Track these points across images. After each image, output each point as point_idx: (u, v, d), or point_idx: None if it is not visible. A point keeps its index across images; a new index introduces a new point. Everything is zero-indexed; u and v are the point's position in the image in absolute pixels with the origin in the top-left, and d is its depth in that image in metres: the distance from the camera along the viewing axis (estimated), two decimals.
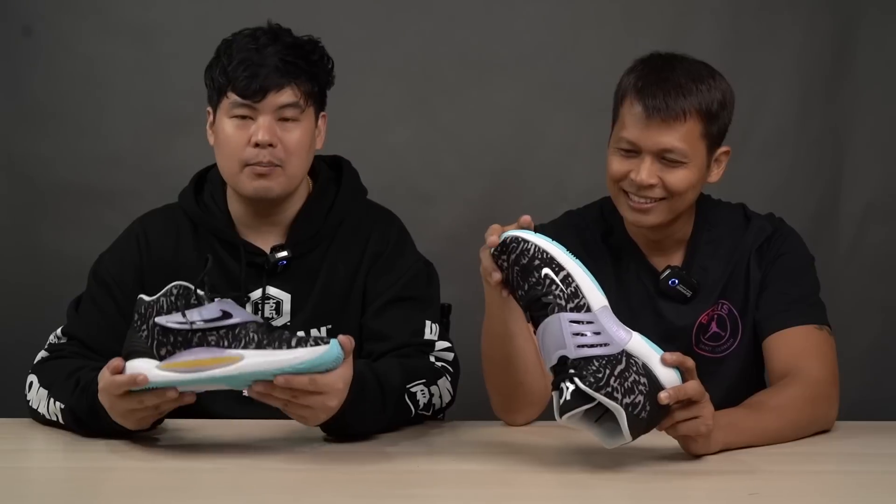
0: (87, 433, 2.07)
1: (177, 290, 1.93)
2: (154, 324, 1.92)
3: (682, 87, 2.16)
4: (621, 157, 2.20)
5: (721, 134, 2.21)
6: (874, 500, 1.81)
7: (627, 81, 2.21)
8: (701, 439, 1.90)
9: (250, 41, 2.23)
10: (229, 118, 2.24)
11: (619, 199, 2.23)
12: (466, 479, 1.88)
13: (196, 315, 1.91)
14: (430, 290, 2.36)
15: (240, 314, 1.93)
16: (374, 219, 2.37)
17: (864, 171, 3.31)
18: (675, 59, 2.21)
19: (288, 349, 1.89)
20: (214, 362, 1.90)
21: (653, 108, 2.15)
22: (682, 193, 2.19)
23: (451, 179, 3.31)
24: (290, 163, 2.24)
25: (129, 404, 1.95)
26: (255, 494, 1.81)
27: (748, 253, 2.29)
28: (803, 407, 2.09)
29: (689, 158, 2.17)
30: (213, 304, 1.92)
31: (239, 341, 1.90)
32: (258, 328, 1.91)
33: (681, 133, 2.15)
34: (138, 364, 1.92)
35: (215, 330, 1.90)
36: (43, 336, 2.29)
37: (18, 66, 3.24)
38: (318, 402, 1.92)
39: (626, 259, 2.31)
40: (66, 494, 1.85)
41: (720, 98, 2.19)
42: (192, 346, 1.91)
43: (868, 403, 2.89)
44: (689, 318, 2.28)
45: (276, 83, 2.21)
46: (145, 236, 2.33)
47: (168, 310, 1.93)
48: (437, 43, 3.29)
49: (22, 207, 3.28)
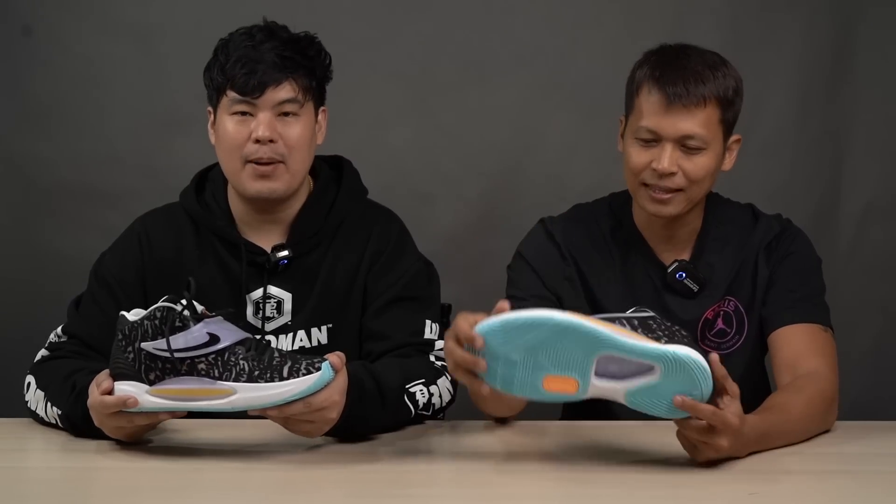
0: (84, 437, 2.06)
1: (160, 312, 1.90)
2: (140, 348, 1.91)
3: (700, 74, 2.18)
4: (641, 147, 2.21)
5: (734, 121, 2.24)
6: (874, 500, 1.81)
7: (642, 72, 2.22)
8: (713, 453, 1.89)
9: (247, 38, 2.23)
10: (229, 115, 2.24)
11: (638, 193, 2.24)
12: (466, 478, 1.88)
13: (181, 341, 1.88)
14: (431, 289, 2.36)
15: (227, 336, 1.90)
16: (374, 218, 2.37)
17: (864, 171, 3.31)
18: (688, 48, 2.24)
19: (280, 381, 1.87)
20: (205, 393, 1.89)
21: (673, 95, 2.16)
22: (701, 181, 2.20)
23: (451, 179, 3.31)
24: (293, 158, 2.25)
25: (119, 422, 1.95)
26: (254, 494, 1.81)
27: (756, 250, 2.30)
28: (818, 410, 2.10)
29: (709, 144, 2.19)
30: (198, 327, 1.89)
31: (229, 371, 1.89)
32: (248, 352, 1.89)
33: (701, 119, 2.17)
34: (128, 388, 1.92)
35: (204, 357, 1.89)
36: (43, 336, 2.29)
37: (18, 66, 3.24)
38: (318, 417, 1.93)
39: (633, 253, 2.32)
40: (65, 494, 1.86)
41: (734, 85, 2.22)
42: (180, 373, 1.89)
43: (868, 403, 2.89)
44: (694, 312, 2.29)
45: (273, 78, 2.21)
46: (147, 235, 2.33)
47: (153, 334, 1.90)
48: (437, 43, 3.29)
49: (22, 207, 3.28)
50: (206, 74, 2.28)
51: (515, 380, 1.84)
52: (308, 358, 1.91)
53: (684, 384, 1.81)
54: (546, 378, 1.83)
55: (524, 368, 1.83)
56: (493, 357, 1.83)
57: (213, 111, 2.29)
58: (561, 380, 1.83)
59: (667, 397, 1.82)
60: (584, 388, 1.83)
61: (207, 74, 2.28)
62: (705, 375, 1.81)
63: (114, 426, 1.97)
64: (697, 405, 1.82)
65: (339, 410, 1.94)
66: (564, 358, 1.82)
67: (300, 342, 2.31)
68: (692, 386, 1.81)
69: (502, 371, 1.83)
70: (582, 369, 1.82)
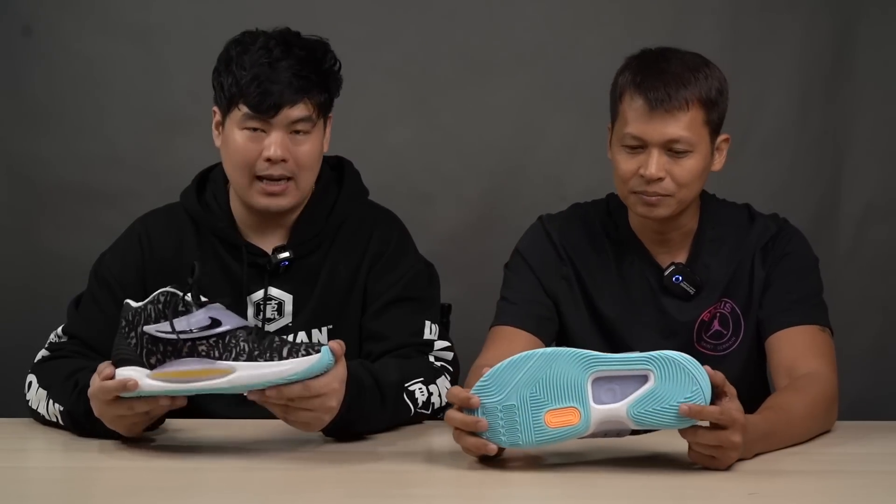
0: (85, 435, 2.07)
1: (164, 296, 1.92)
2: (143, 332, 1.91)
3: (682, 77, 2.18)
4: (627, 154, 2.21)
5: (720, 121, 2.23)
6: (874, 500, 1.81)
7: (624, 79, 2.22)
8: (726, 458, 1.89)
9: (264, 53, 2.19)
10: (240, 129, 2.22)
11: (629, 199, 2.24)
12: (466, 478, 1.88)
13: (184, 324, 1.90)
14: (431, 290, 2.36)
15: (229, 321, 1.91)
16: (375, 219, 2.36)
17: (864, 171, 3.31)
18: (668, 51, 2.23)
19: (279, 360, 1.87)
20: (205, 374, 1.89)
21: (655, 101, 2.16)
22: (689, 184, 2.20)
23: (451, 179, 3.31)
24: (302, 176, 2.24)
25: (119, 410, 1.95)
26: (254, 494, 1.81)
27: (752, 251, 2.30)
28: (820, 410, 2.10)
29: (695, 147, 2.18)
30: (201, 312, 1.91)
31: (229, 351, 1.89)
32: (248, 335, 1.90)
33: (685, 122, 2.17)
34: (129, 372, 1.92)
35: (205, 339, 1.89)
36: (42, 336, 2.29)
37: (18, 66, 3.24)
38: (318, 404, 1.91)
39: (630, 255, 2.32)
40: (65, 494, 1.86)
41: (717, 86, 2.21)
42: (181, 355, 1.90)
43: (868, 403, 2.90)
44: (691, 314, 2.29)
45: (289, 99, 2.19)
46: (147, 236, 2.33)
47: (156, 318, 1.91)
48: (437, 43, 3.29)
49: (21, 207, 3.28)
50: (217, 78, 2.24)
51: (518, 426, 1.85)
52: (308, 343, 1.93)
53: (682, 384, 1.81)
54: (547, 413, 1.85)
55: (523, 409, 1.85)
56: (492, 413, 1.86)
57: (220, 113, 2.26)
58: (562, 412, 1.85)
59: (668, 402, 1.82)
60: (587, 418, 1.84)
61: (218, 78, 2.23)
62: (700, 371, 1.82)
63: (113, 415, 1.96)
64: (704, 408, 1.81)
65: (339, 399, 1.93)
66: (559, 387, 1.84)
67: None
68: (691, 383, 1.82)
69: (504, 422, 1.85)
70: (579, 396, 1.84)
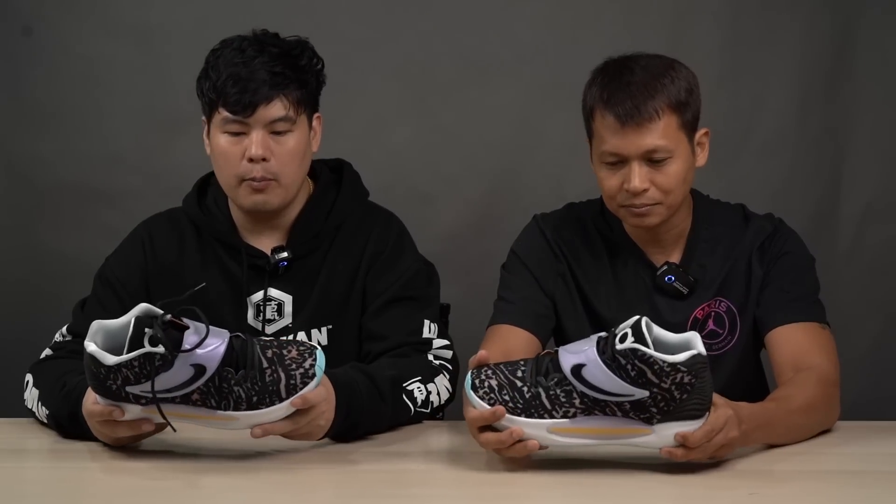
0: (70, 438, 2.06)
1: (138, 360, 1.81)
2: (127, 391, 1.85)
3: (648, 87, 2.16)
4: (609, 170, 2.20)
5: (696, 118, 2.22)
6: (874, 500, 1.81)
7: (591, 95, 2.21)
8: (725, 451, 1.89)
9: (237, 54, 2.21)
10: (222, 133, 2.24)
11: (619, 213, 2.24)
12: (465, 478, 1.88)
13: (167, 381, 1.82)
14: (430, 289, 2.37)
15: (211, 359, 1.82)
16: (373, 220, 2.37)
17: (864, 171, 3.31)
18: (631, 60, 2.21)
19: (279, 403, 1.86)
20: (208, 419, 1.88)
21: (625, 115, 2.15)
22: (675, 189, 2.20)
23: (451, 179, 3.31)
24: (284, 174, 2.24)
25: (104, 429, 1.95)
26: (254, 494, 1.81)
27: (749, 251, 2.30)
28: (821, 402, 2.10)
29: (674, 152, 2.17)
30: (180, 363, 1.80)
31: (227, 401, 1.85)
32: (237, 376, 1.84)
33: (659, 131, 2.16)
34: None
35: (196, 391, 1.84)
36: (42, 336, 2.30)
37: (18, 66, 3.25)
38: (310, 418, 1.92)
39: (624, 255, 2.32)
40: (65, 494, 1.86)
41: (686, 86, 2.19)
42: (176, 404, 1.86)
43: (868, 403, 2.89)
44: (683, 314, 2.29)
45: (265, 96, 2.20)
46: (150, 239, 2.34)
47: (135, 380, 1.83)
48: (436, 43, 3.30)
49: (22, 207, 3.28)
50: (199, 86, 2.26)
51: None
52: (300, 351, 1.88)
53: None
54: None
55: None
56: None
57: (206, 122, 2.28)
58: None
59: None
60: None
61: (199, 87, 2.25)
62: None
63: (99, 432, 1.97)
64: (688, 438, 1.81)
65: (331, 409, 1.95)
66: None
67: None
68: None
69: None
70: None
